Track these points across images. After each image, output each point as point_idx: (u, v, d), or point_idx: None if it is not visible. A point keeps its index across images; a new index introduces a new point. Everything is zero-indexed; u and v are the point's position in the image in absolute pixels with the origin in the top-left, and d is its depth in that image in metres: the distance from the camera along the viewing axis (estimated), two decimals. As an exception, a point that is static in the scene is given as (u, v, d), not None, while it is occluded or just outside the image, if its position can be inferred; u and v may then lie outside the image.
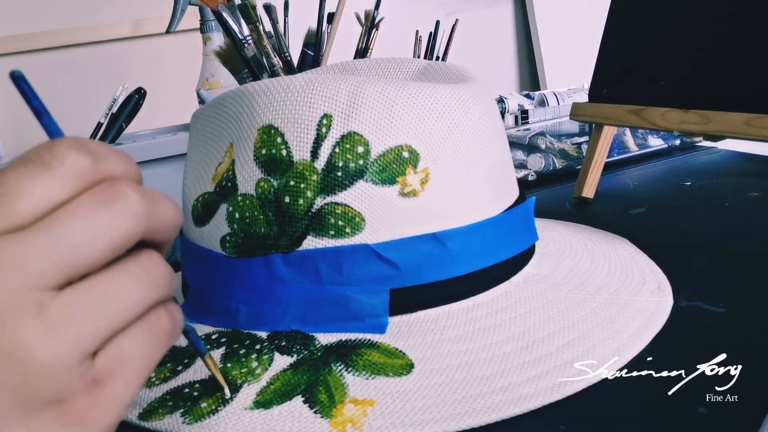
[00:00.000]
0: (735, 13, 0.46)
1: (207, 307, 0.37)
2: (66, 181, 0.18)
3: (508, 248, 0.38)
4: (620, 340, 0.32)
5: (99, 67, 1.02)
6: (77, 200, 0.18)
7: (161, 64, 1.03)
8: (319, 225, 0.34)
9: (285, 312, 0.34)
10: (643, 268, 0.40)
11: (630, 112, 0.51)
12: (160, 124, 0.83)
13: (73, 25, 1.00)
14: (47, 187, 0.18)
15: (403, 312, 0.34)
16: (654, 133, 0.73)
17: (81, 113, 1.01)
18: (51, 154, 0.18)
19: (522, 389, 0.29)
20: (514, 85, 1.24)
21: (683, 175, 0.64)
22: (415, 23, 0.75)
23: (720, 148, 0.73)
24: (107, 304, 0.18)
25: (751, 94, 0.43)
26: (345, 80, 0.35)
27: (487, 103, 0.39)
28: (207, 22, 0.78)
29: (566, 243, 0.45)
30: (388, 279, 0.34)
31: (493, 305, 0.35)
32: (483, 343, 0.32)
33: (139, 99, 0.76)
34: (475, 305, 0.35)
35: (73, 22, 1.00)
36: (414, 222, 0.34)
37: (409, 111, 0.35)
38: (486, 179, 0.37)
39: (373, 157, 0.34)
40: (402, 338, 0.33)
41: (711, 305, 0.35)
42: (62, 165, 0.18)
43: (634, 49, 0.53)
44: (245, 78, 0.62)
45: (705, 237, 0.46)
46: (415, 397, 0.29)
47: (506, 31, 1.21)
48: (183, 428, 0.29)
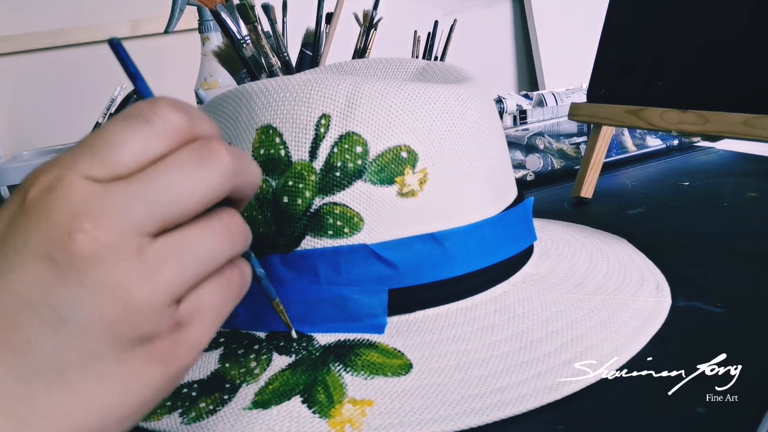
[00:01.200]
0: (733, 13, 0.46)
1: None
2: (165, 137, 0.20)
3: (507, 248, 0.38)
4: (618, 340, 0.32)
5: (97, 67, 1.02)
6: (176, 155, 0.20)
7: (159, 64, 1.03)
8: (318, 225, 0.34)
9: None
10: (641, 268, 0.40)
11: (628, 112, 0.51)
12: (159, 124, 0.83)
13: (71, 25, 1.00)
14: (148, 141, 0.19)
15: (402, 312, 0.34)
16: (652, 133, 0.73)
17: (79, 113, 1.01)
18: (152, 111, 0.20)
19: (520, 389, 0.29)
20: (512, 85, 1.24)
21: (681, 175, 0.64)
22: (413, 23, 0.76)
23: (718, 149, 0.73)
24: (195, 254, 0.20)
25: (749, 94, 0.43)
26: (343, 80, 0.35)
27: (485, 103, 0.39)
28: (205, 22, 0.78)
29: (564, 243, 0.45)
30: (387, 279, 0.34)
31: (491, 305, 0.35)
32: (481, 343, 0.32)
33: (137, 99, 0.76)
34: (473, 305, 0.35)
35: (71, 22, 1.00)
36: (412, 222, 0.34)
37: (407, 111, 0.35)
38: (484, 179, 0.37)
39: (372, 157, 0.34)
40: (400, 338, 0.33)
41: (709, 305, 0.35)
42: (162, 121, 0.20)
43: (633, 49, 0.54)
44: (243, 78, 0.62)
45: (703, 237, 0.47)
46: (413, 397, 0.29)
47: (505, 31, 1.21)
48: (181, 428, 0.29)
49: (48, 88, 1.01)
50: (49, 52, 1.00)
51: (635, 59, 0.53)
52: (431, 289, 0.34)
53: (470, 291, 0.36)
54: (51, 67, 1.01)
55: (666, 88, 0.49)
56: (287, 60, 0.61)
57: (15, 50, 0.98)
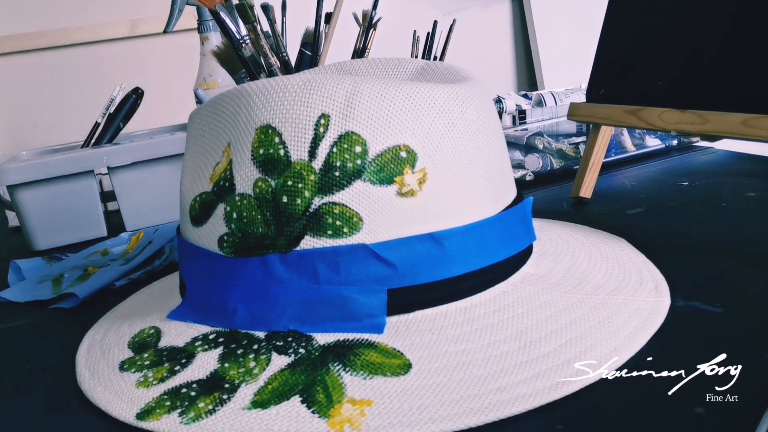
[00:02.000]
0: (733, 13, 0.46)
1: (204, 308, 0.37)
2: None
3: (506, 248, 0.38)
4: (618, 339, 0.32)
5: (96, 66, 1.02)
6: None
7: (159, 63, 1.03)
8: (317, 225, 0.34)
9: (282, 312, 0.34)
10: (640, 268, 0.40)
11: (627, 112, 0.51)
12: (158, 123, 0.83)
13: (70, 25, 1.00)
14: None
15: (401, 312, 0.34)
16: (651, 133, 0.73)
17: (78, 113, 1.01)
18: None
19: (520, 389, 0.29)
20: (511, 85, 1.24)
21: (680, 175, 0.64)
22: (412, 23, 0.76)
23: (717, 149, 0.73)
24: None
25: (748, 94, 0.43)
26: (343, 80, 0.35)
27: (484, 103, 0.39)
28: (204, 21, 0.78)
29: (563, 243, 0.45)
30: (386, 279, 0.34)
31: (490, 305, 0.35)
32: (481, 342, 0.32)
33: (136, 99, 0.76)
34: (472, 305, 0.35)
35: (71, 22, 1.00)
36: (412, 222, 0.34)
37: (406, 111, 0.35)
38: (483, 179, 0.37)
39: (371, 157, 0.34)
40: (400, 338, 0.33)
41: (708, 305, 0.35)
42: None
43: (632, 49, 0.54)
44: (243, 78, 0.62)
45: (702, 237, 0.47)
46: (412, 397, 0.29)
47: (504, 31, 1.21)
48: (180, 428, 0.29)
49: (47, 87, 1.00)
50: (49, 51, 1.00)
51: (634, 59, 0.53)
52: (430, 289, 0.34)
53: (469, 291, 0.36)
54: (50, 66, 1.01)
55: (665, 88, 0.49)
56: (286, 60, 0.61)
57: (14, 50, 0.98)
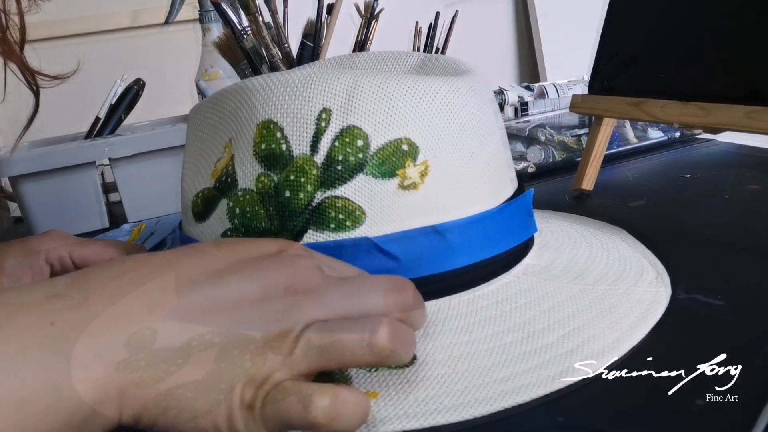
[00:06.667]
0: (736, 5, 0.46)
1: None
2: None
3: (508, 240, 0.38)
4: (619, 330, 0.32)
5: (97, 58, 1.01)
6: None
7: (160, 54, 1.02)
8: (320, 219, 0.34)
9: (286, 304, 0.34)
10: (640, 258, 0.41)
11: (630, 105, 0.51)
12: (159, 115, 0.83)
13: (71, 15, 0.99)
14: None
15: (404, 304, 0.34)
16: (654, 125, 0.73)
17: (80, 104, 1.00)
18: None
19: (524, 379, 0.29)
20: (513, 77, 1.24)
21: (683, 167, 0.64)
22: (414, 14, 0.75)
23: (720, 141, 0.73)
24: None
25: (751, 86, 0.43)
26: (343, 74, 0.35)
27: (484, 96, 0.39)
28: (206, 12, 0.78)
29: (564, 234, 0.45)
30: (389, 272, 0.34)
31: (493, 296, 0.35)
32: (484, 333, 0.32)
33: (137, 90, 0.76)
34: (475, 297, 0.35)
35: (71, 12, 0.99)
36: (414, 215, 0.34)
37: (407, 104, 0.35)
38: (485, 171, 0.37)
39: (373, 151, 0.34)
40: (403, 330, 0.33)
41: (710, 298, 0.36)
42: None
43: (634, 41, 0.53)
44: (244, 69, 0.61)
45: (704, 229, 0.47)
46: (417, 389, 0.29)
47: (506, 22, 1.21)
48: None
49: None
50: (49, 42, 1.00)
51: (637, 51, 0.53)
52: (433, 282, 0.35)
53: (472, 283, 0.36)
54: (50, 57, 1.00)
55: (668, 80, 0.49)
56: (288, 51, 0.61)
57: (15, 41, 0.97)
